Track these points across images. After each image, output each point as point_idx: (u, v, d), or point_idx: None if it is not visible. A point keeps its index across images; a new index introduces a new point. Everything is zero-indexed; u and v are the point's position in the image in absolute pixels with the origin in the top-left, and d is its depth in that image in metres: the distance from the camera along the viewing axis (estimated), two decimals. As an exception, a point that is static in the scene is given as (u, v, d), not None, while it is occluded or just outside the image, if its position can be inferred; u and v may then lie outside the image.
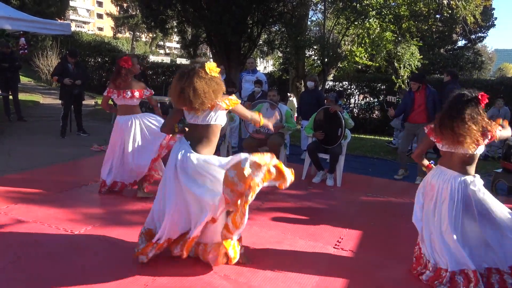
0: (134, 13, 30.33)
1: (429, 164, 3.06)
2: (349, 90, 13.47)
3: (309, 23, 14.29)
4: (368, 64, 11.86)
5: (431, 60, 17.39)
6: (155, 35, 29.88)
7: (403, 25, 10.96)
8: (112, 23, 36.99)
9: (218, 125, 2.81)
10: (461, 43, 23.88)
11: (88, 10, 55.62)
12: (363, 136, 10.76)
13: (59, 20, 14.96)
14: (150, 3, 11.83)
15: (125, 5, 31.76)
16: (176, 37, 21.38)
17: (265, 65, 26.71)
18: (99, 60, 17.43)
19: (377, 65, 11.63)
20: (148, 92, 4.32)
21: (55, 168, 5.38)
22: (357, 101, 13.59)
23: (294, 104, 9.98)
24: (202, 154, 2.73)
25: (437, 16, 12.25)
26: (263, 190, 3.07)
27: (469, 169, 2.77)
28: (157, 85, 13.83)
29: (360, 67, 14.20)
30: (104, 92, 4.36)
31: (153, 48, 39.33)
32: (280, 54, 16.66)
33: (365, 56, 11.11)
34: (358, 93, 13.60)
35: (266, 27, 12.82)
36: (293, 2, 12.35)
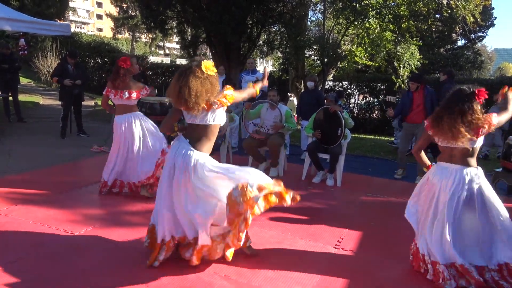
0: (134, 13, 30.36)
1: (430, 165, 3.05)
2: (349, 90, 13.47)
3: (309, 23, 14.29)
4: (368, 64, 11.86)
5: (430, 60, 17.39)
6: (154, 36, 29.93)
7: (403, 25, 10.95)
8: (111, 24, 37.03)
9: (217, 124, 2.83)
10: (461, 42, 23.91)
11: (87, 11, 55.65)
12: (363, 136, 10.76)
13: (59, 21, 14.97)
14: (150, 3, 11.83)
15: (124, 5, 31.82)
16: (175, 38, 21.38)
17: (265, 66, 26.71)
18: (98, 61, 17.44)
19: (377, 65, 11.62)
20: (145, 92, 4.33)
21: (55, 169, 5.38)
22: (357, 101, 13.60)
23: (294, 104, 9.99)
24: (202, 151, 2.75)
25: (437, 15, 12.23)
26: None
27: (471, 161, 2.78)
28: (157, 86, 13.84)
29: (359, 67, 14.20)
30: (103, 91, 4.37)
31: (153, 48, 39.39)
32: (280, 54, 16.67)
33: (365, 56, 11.11)
34: (358, 93, 13.60)
35: (266, 27, 12.82)
36: (293, 2, 12.35)
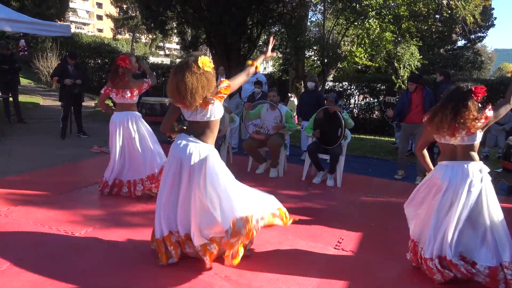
0: (134, 14, 30.36)
1: (431, 168, 3.04)
2: (349, 91, 13.46)
3: (309, 23, 14.33)
4: (368, 64, 11.85)
5: (430, 60, 17.38)
6: (155, 36, 29.94)
7: (403, 25, 10.95)
8: (111, 25, 37.05)
9: (217, 119, 2.84)
10: (461, 43, 23.90)
11: (87, 12, 55.67)
12: (363, 136, 10.76)
13: (59, 22, 14.94)
14: (150, 4, 11.84)
15: (124, 6, 31.82)
16: (176, 38, 21.42)
17: (265, 66, 26.74)
18: (99, 61, 17.44)
19: (377, 65, 11.63)
20: (146, 85, 4.33)
21: (55, 169, 5.39)
22: (357, 102, 13.60)
23: (294, 105, 9.98)
24: (208, 143, 2.79)
25: (437, 16, 12.24)
26: (263, 191, 3.07)
27: (474, 155, 2.79)
28: (156, 86, 13.79)
29: (360, 67, 14.18)
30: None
31: (153, 49, 39.41)
32: (280, 55, 16.65)
33: (365, 56, 11.11)
34: (358, 93, 13.60)
35: (266, 28, 12.83)
36: (293, 3, 12.36)
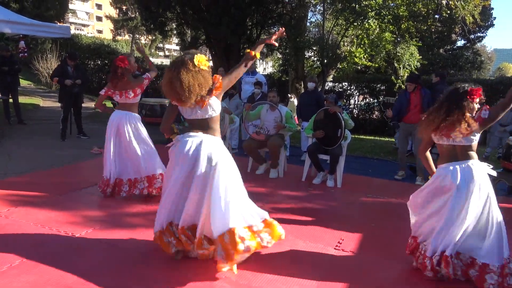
0: (134, 15, 30.39)
1: (434, 171, 3.05)
2: (348, 91, 13.46)
3: (308, 24, 14.33)
4: (368, 64, 11.87)
5: (430, 61, 17.38)
6: (154, 37, 29.94)
7: (402, 25, 10.97)
8: (111, 26, 37.04)
9: (217, 115, 2.85)
10: (460, 43, 23.89)
11: (87, 13, 55.70)
12: (363, 137, 10.76)
13: (59, 23, 14.94)
14: (149, 5, 11.86)
15: (124, 7, 31.87)
16: (175, 39, 21.43)
17: (264, 67, 26.76)
18: (98, 62, 17.43)
19: (377, 65, 11.64)
20: (146, 81, 4.33)
21: (55, 170, 5.39)
22: (356, 102, 13.60)
23: (294, 105, 9.99)
24: (215, 136, 2.81)
25: (436, 16, 12.24)
26: (264, 192, 3.07)
27: (473, 154, 2.80)
28: (156, 87, 13.82)
29: (359, 67, 14.21)
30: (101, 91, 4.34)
31: (153, 50, 39.42)
32: (280, 56, 16.68)
33: (365, 56, 11.12)
34: (358, 93, 13.59)
35: (265, 28, 12.84)
36: (292, 4, 12.38)
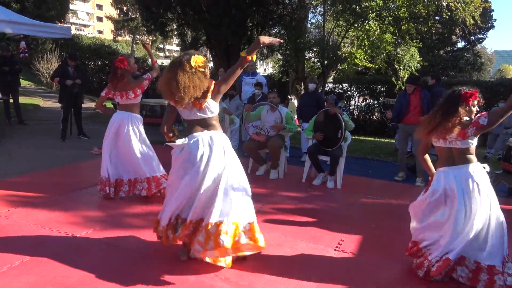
0: (134, 16, 30.44)
1: (434, 172, 3.05)
2: (349, 92, 13.48)
3: (309, 25, 14.35)
4: (368, 66, 11.88)
5: (430, 62, 17.39)
6: (155, 38, 29.94)
7: (403, 27, 10.98)
8: (112, 26, 37.09)
9: (216, 115, 2.86)
10: (461, 44, 23.92)
11: (88, 13, 55.77)
12: (363, 138, 10.77)
13: (59, 24, 14.98)
14: (150, 6, 11.87)
15: (125, 8, 31.93)
16: (176, 40, 21.44)
17: (265, 68, 26.77)
18: (99, 63, 17.46)
19: (377, 67, 11.65)
20: (147, 82, 4.32)
21: (56, 171, 5.39)
22: (357, 103, 13.61)
23: (295, 106, 9.99)
24: (218, 130, 2.83)
25: (437, 18, 12.27)
26: (264, 193, 3.07)
27: (471, 158, 2.80)
28: (156, 88, 13.84)
29: (360, 69, 14.22)
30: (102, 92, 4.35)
31: (153, 51, 39.40)
32: (280, 57, 16.69)
33: (365, 58, 11.13)
34: (358, 95, 13.62)
35: (266, 29, 12.85)
36: (293, 5, 12.40)
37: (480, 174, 2.75)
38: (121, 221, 3.76)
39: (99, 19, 54.11)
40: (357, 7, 10.06)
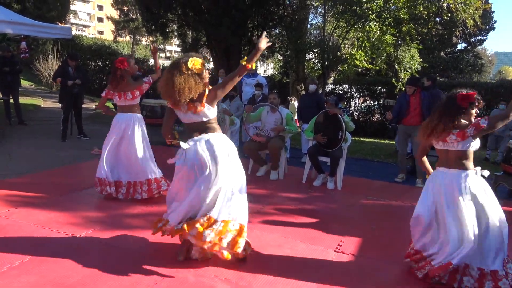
0: (135, 16, 30.47)
1: (431, 172, 3.05)
2: (349, 93, 13.49)
3: (309, 26, 14.36)
4: (368, 67, 11.89)
5: (431, 63, 17.43)
6: (155, 39, 29.99)
7: (403, 28, 11.00)
8: (112, 27, 37.16)
9: (212, 118, 2.87)
10: (461, 46, 23.97)
11: (88, 14, 55.84)
12: (363, 139, 10.77)
13: (60, 24, 15.00)
14: (151, 6, 11.88)
15: (125, 8, 31.96)
16: (176, 41, 21.44)
17: (265, 68, 26.76)
18: (99, 63, 17.47)
19: (377, 68, 11.67)
20: (147, 85, 4.32)
21: (56, 171, 5.39)
22: (357, 104, 13.61)
23: (295, 107, 10.01)
24: (217, 132, 2.84)
25: (437, 19, 12.30)
26: (264, 194, 3.08)
27: (467, 163, 2.80)
28: (156, 88, 13.84)
29: (360, 70, 14.24)
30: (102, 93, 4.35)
31: (153, 51, 39.41)
32: (280, 58, 16.70)
33: (365, 59, 11.15)
34: (358, 96, 13.62)
35: (266, 30, 12.85)
36: (293, 6, 12.41)
37: (474, 180, 2.74)
38: (121, 221, 3.76)
39: (100, 19, 54.17)
40: (358, 8, 10.07)
